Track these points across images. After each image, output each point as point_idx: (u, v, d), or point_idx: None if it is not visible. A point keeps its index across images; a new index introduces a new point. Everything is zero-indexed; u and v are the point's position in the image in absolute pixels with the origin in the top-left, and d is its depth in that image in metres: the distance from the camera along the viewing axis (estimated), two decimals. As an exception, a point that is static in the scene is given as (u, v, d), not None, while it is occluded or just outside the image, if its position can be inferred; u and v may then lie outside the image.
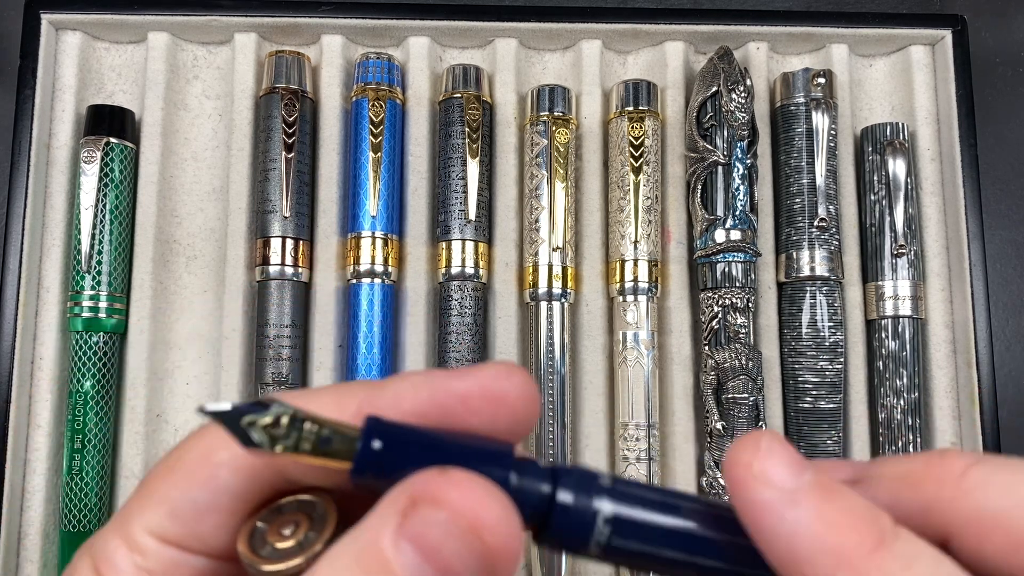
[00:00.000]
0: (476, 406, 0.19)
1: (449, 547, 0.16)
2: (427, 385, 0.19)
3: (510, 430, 0.19)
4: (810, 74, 0.56)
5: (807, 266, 0.54)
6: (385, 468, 0.18)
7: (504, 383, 0.19)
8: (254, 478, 0.20)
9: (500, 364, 0.20)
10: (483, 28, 0.57)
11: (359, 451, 0.18)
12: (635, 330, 0.54)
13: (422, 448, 0.18)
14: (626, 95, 0.56)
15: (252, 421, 0.17)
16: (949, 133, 0.57)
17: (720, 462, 0.52)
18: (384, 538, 0.16)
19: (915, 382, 0.54)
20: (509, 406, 0.19)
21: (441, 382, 0.19)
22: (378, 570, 0.16)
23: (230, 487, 0.19)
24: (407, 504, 0.17)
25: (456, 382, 0.19)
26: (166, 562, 0.19)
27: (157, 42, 0.56)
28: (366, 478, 0.18)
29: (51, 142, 0.55)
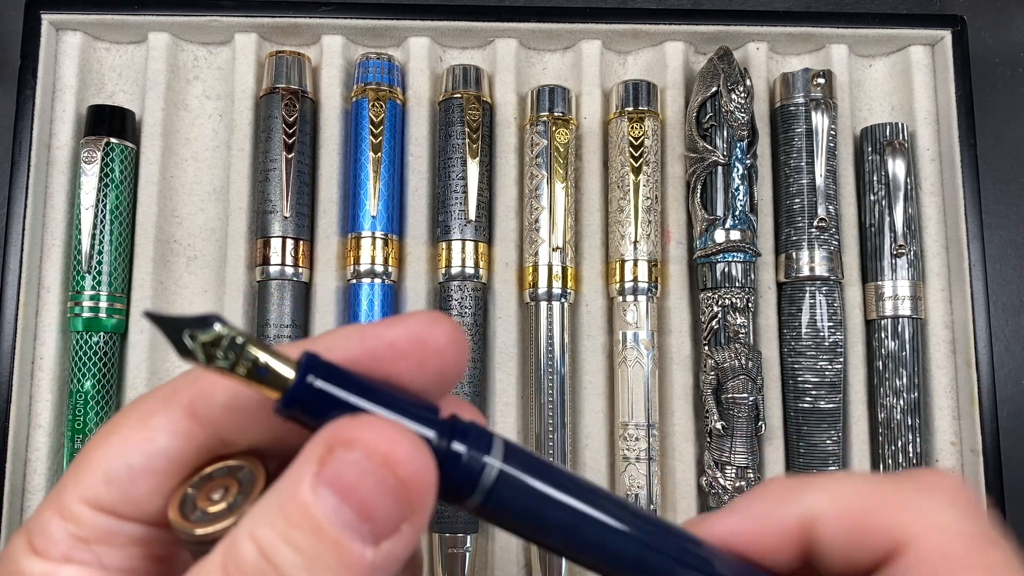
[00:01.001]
0: (403, 350, 0.19)
1: (365, 484, 0.17)
2: (358, 333, 0.20)
3: (439, 377, 0.20)
4: (810, 74, 0.56)
5: (807, 266, 0.54)
6: (313, 405, 0.18)
7: (431, 329, 0.20)
8: (189, 440, 0.20)
9: (428, 312, 0.20)
10: (483, 28, 0.57)
11: (293, 384, 0.18)
12: (635, 330, 0.54)
13: (350, 388, 0.18)
14: (626, 95, 0.56)
15: (193, 335, 0.18)
16: (949, 133, 0.57)
17: (719, 462, 0.52)
18: (303, 486, 0.17)
19: (915, 382, 0.55)
20: (437, 352, 0.20)
21: (371, 330, 0.20)
22: (299, 517, 0.17)
23: (165, 450, 0.20)
24: (324, 451, 0.17)
25: (385, 329, 0.20)
26: (100, 530, 0.20)
27: (157, 42, 0.56)
28: (293, 412, 0.18)
29: (51, 142, 0.55)
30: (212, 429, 0.20)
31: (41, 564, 0.19)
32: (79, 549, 0.19)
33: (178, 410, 0.20)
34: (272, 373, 0.18)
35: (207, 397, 0.20)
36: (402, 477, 0.17)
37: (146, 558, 0.20)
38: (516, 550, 0.53)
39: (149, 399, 0.20)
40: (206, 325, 0.18)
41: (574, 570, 0.53)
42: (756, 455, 0.53)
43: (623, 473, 0.53)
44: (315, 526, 0.17)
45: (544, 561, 0.52)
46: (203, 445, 0.20)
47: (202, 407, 0.20)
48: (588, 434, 0.54)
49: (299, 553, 0.17)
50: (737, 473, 0.52)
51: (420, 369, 0.20)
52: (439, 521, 0.52)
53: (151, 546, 0.20)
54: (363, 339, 0.20)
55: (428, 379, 0.20)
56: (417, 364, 0.19)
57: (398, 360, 0.19)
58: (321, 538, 0.17)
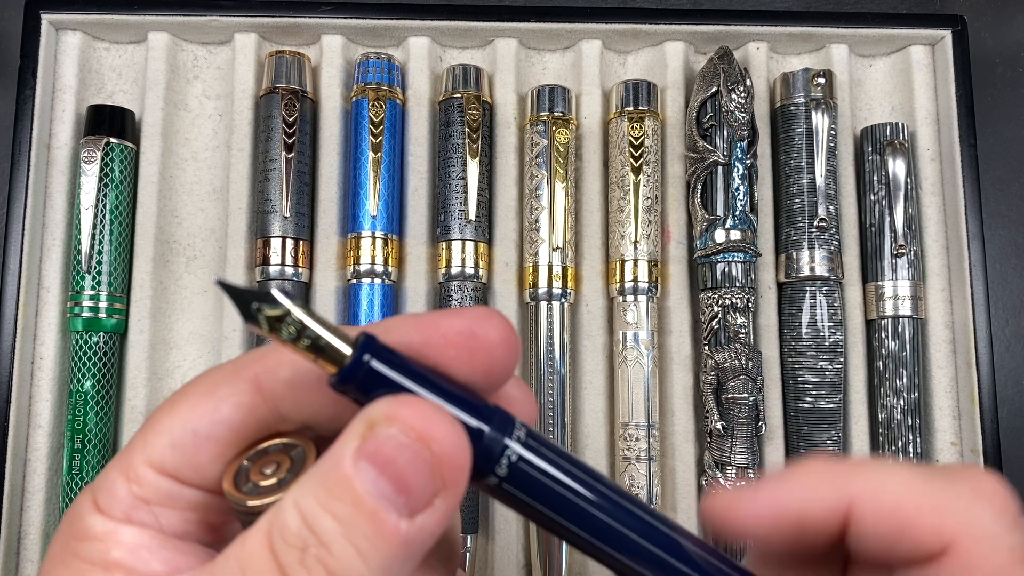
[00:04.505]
0: (455, 341, 0.20)
1: (401, 458, 0.18)
2: (415, 320, 0.21)
3: (486, 372, 0.21)
4: (810, 74, 0.56)
5: (807, 266, 0.54)
6: (365, 382, 0.19)
7: (484, 324, 0.21)
8: (251, 412, 0.21)
9: (485, 308, 0.21)
10: (483, 28, 0.57)
11: (349, 361, 0.19)
12: (635, 330, 0.54)
13: (400, 370, 0.19)
14: (626, 95, 0.56)
15: (259, 308, 0.19)
16: (949, 133, 0.57)
17: (720, 462, 0.52)
18: (346, 459, 0.18)
19: (915, 382, 0.54)
20: (486, 347, 0.20)
21: (428, 318, 0.21)
22: (340, 489, 0.18)
23: (229, 419, 0.21)
24: (365, 428, 0.18)
25: (441, 319, 0.21)
26: (162, 492, 0.21)
27: (157, 42, 0.56)
28: (347, 387, 0.19)
29: (51, 142, 0.55)
30: (273, 403, 0.21)
31: (104, 522, 0.20)
32: (140, 510, 0.21)
33: (244, 383, 0.21)
34: (331, 349, 0.19)
35: (272, 372, 0.21)
36: (437, 452, 0.18)
37: (201, 524, 0.21)
38: (516, 550, 0.53)
39: (217, 371, 0.22)
40: (273, 302, 0.19)
41: (574, 570, 0.53)
42: (756, 455, 0.52)
43: (623, 473, 0.53)
44: (354, 497, 0.18)
45: (544, 561, 0.52)
46: (263, 418, 0.21)
47: (267, 381, 0.21)
48: (588, 434, 0.54)
49: (339, 522, 0.18)
50: (737, 473, 0.52)
51: (469, 361, 0.20)
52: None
53: (207, 512, 0.21)
54: (419, 326, 0.21)
55: (476, 372, 0.21)
56: (466, 356, 0.20)
57: (448, 349, 0.20)
58: (359, 508, 0.18)
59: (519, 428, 0.21)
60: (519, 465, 0.20)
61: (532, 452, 0.20)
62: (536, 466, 0.20)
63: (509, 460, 0.20)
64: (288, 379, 0.21)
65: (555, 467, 0.21)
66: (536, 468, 0.20)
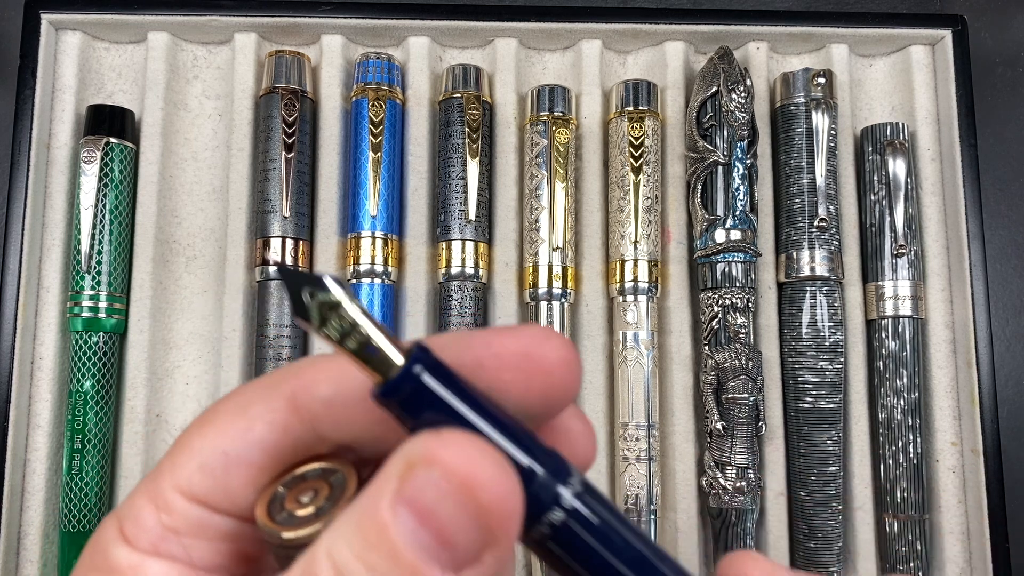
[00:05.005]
0: (510, 362, 0.19)
1: (444, 508, 0.16)
2: (467, 338, 0.19)
3: (544, 397, 0.19)
4: (810, 74, 0.56)
5: (807, 266, 0.54)
6: (411, 398, 0.17)
7: (543, 345, 0.19)
8: (287, 433, 0.19)
9: (542, 328, 0.19)
10: (483, 28, 0.57)
11: (399, 371, 0.17)
12: (635, 330, 0.54)
13: (452, 389, 0.18)
14: (626, 95, 0.56)
15: (312, 293, 0.18)
16: (949, 133, 0.57)
17: (720, 462, 0.52)
18: (382, 505, 0.16)
19: (915, 382, 0.54)
20: (544, 371, 0.19)
21: (480, 336, 0.19)
22: (377, 538, 0.16)
23: (262, 440, 0.19)
24: (404, 468, 0.16)
25: (494, 337, 0.19)
26: (192, 521, 0.19)
27: (157, 42, 0.56)
28: (390, 401, 0.18)
29: (51, 142, 0.55)
30: (311, 423, 0.19)
31: (129, 554, 0.19)
32: (169, 541, 0.19)
33: (279, 400, 0.19)
34: (380, 355, 0.18)
35: (309, 389, 0.19)
36: (483, 502, 0.16)
37: (235, 556, 0.20)
38: (515, 551, 0.53)
39: (250, 388, 0.20)
40: (325, 288, 0.18)
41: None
42: (756, 455, 0.52)
43: (623, 473, 0.53)
44: (392, 549, 0.16)
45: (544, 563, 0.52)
46: (300, 439, 0.20)
47: (303, 399, 0.19)
48: (588, 434, 0.54)
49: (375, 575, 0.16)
50: (738, 473, 0.52)
51: (525, 385, 0.19)
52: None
53: (241, 543, 0.20)
54: (471, 345, 0.19)
55: (533, 397, 0.19)
56: (523, 379, 0.19)
57: (503, 371, 0.19)
58: (398, 562, 0.16)
59: (575, 477, 0.18)
60: (569, 521, 0.18)
61: (587, 507, 0.18)
62: (589, 524, 0.18)
63: (559, 514, 0.18)
64: (327, 397, 0.19)
65: (609, 530, 0.18)
66: (588, 527, 0.18)
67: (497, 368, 0.19)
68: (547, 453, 0.18)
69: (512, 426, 0.18)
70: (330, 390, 0.19)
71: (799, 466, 0.54)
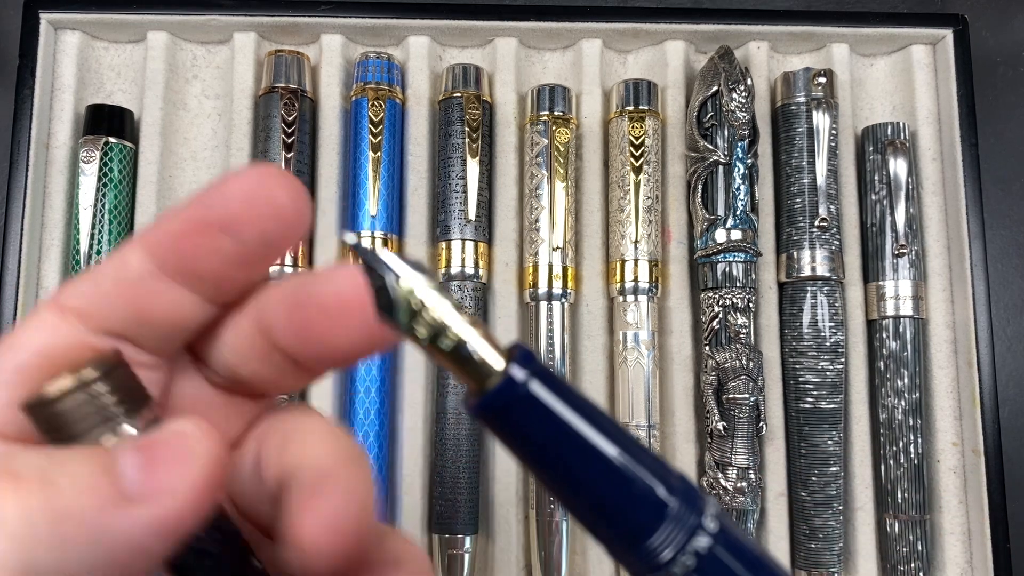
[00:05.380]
0: (238, 213, 0.18)
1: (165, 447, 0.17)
2: (188, 210, 0.18)
3: (279, 233, 0.18)
4: (811, 74, 0.56)
5: (808, 266, 0.54)
6: (516, 414, 0.15)
7: (266, 183, 0.18)
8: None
9: (256, 167, 0.18)
10: (483, 27, 0.57)
11: (500, 381, 0.15)
12: (635, 330, 0.54)
13: (567, 402, 0.15)
14: (626, 94, 0.56)
15: (399, 282, 0.15)
16: (950, 133, 0.57)
17: (721, 463, 0.52)
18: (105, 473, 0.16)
19: (916, 382, 0.54)
20: (273, 207, 0.18)
21: (202, 200, 0.18)
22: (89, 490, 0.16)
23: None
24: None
25: (218, 194, 0.18)
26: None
27: (156, 41, 0.56)
28: (490, 418, 0.16)
29: (50, 142, 0.55)
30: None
31: None
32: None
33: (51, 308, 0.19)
34: (477, 359, 0.15)
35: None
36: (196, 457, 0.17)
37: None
38: (516, 551, 0.53)
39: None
40: (413, 278, 0.15)
41: (575, 572, 0.53)
42: (757, 456, 0.52)
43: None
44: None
45: (545, 564, 0.52)
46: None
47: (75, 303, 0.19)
48: (588, 434, 0.54)
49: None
50: (738, 474, 0.51)
51: (259, 227, 0.18)
52: (439, 522, 0.52)
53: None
54: (197, 212, 0.18)
55: (269, 238, 0.18)
56: (256, 221, 0.18)
57: (241, 226, 0.18)
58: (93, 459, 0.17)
59: (710, 506, 0.16)
60: (709, 556, 0.16)
61: (725, 542, 0.16)
62: (729, 559, 0.16)
63: (700, 547, 0.16)
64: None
65: (751, 562, 0.16)
66: (728, 561, 0.16)
67: (233, 223, 0.18)
68: (676, 477, 0.16)
69: (636, 448, 0.16)
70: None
71: (800, 466, 0.54)
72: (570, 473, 0.16)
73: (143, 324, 0.19)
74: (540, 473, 0.16)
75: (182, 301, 0.19)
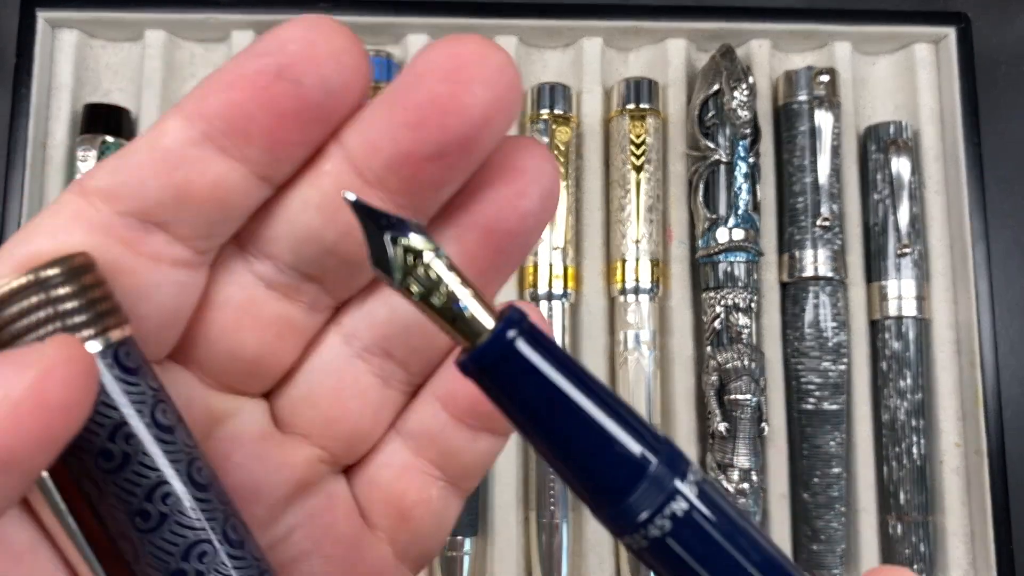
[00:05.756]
0: (297, 53, 0.16)
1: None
2: (235, 62, 0.17)
3: (340, 81, 0.16)
4: (813, 72, 0.55)
5: (810, 266, 0.54)
6: (503, 372, 0.16)
7: (324, 27, 0.16)
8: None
9: (308, 16, 0.17)
10: (483, 25, 0.57)
11: (488, 338, 0.15)
12: (636, 330, 0.53)
13: (552, 363, 0.16)
14: (627, 93, 0.56)
15: (395, 239, 0.16)
16: (953, 132, 0.57)
17: (722, 464, 0.52)
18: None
19: (919, 383, 0.54)
20: (333, 49, 0.16)
21: (251, 48, 0.17)
22: None
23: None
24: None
25: (272, 39, 0.16)
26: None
27: (154, 40, 0.56)
28: (479, 375, 0.16)
29: (47, 141, 0.55)
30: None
31: None
32: None
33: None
34: (469, 317, 0.15)
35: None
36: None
37: None
38: (516, 553, 0.53)
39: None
40: (410, 233, 0.16)
41: (574, 569, 0.53)
42: (759, 457, 0.52)
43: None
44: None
45: (545, 566, 0.52)
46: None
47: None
48: (589, 435, 0.54)
49: None
50: (740, 475, 0.51)
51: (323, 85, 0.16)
52: (438, 523, 0.52)
53: None
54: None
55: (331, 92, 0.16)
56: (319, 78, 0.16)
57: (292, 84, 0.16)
58: None
59: (693, 470, 0.16)
60: (687, 519, 0.16)
61: (707, 505, 0.16)
62: (709, 523, 0.16)
63: (676, 511, 0.16)
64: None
65: (732, 530, 0.16)
66: (708, 526, 0.16)
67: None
68: (661, 441, 0.16)
69: (622, 409, 0.16)
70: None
71: (802, 468, 0.53)
72: (554, 430, 0.16)
73: (183, 204, 0.16)
74: (525, 430, 0.16)
75: (230, 175, 0.16)
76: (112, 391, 0.16)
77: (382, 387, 0.20)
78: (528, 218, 0.18)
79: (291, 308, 0.19)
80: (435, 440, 0.20)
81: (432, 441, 0.20)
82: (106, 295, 0.16)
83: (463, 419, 0.20)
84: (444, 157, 0.16)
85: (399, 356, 0.19)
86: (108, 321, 0.16)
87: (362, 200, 0.16)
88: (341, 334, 0.19)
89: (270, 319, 0.18)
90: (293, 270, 0.18)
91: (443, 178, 0.17)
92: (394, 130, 0.16)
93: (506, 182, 0.18)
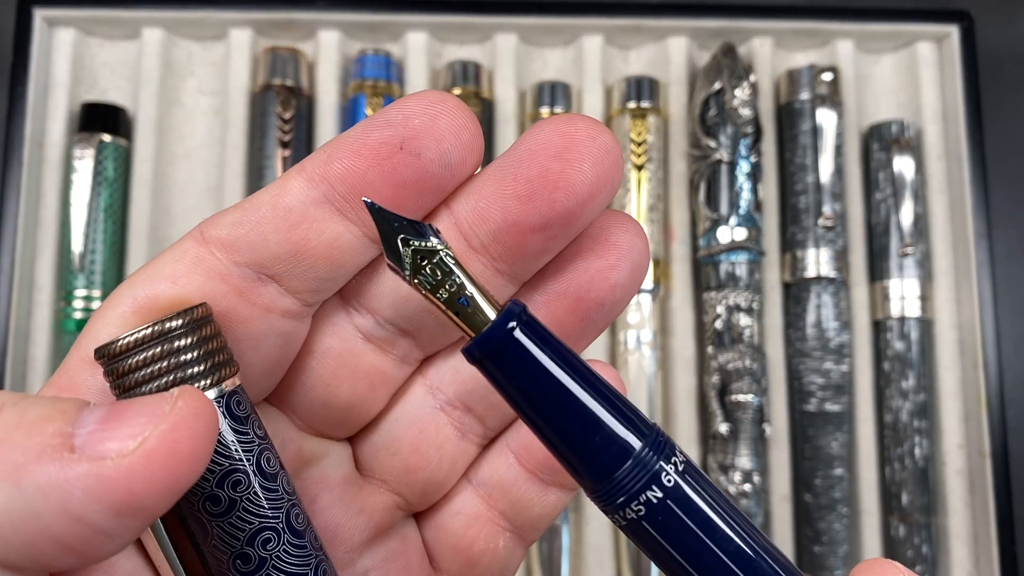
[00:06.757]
0: (420, 127, 0.17)
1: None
2: (361, 130, 0.17)
3: (458, 155, 0.17)
4: (815, 71, 0.55)
5: (812, 266, 0.53)
6: (503, 360, 0.17)
7: (446, 103, 0.17)
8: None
9: (429, 91, 0.18)
10: (482, 23, 0.56)
11: (489, 327, 0.17)
12: (638, 331, 0.53)
13: (549, 352, 0.17)
14: (628, 91, 0.55)
15: (406, 240, 0.17)
16: (956, 130, 0.56)
17: (724, 465, 0.51)
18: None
19: (922, 383, 0.54)
20: (454, 125, 0.17)
21: (377, 118, 0.17)
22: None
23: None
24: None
25: (397, 111, 0.17)
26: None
27: (151, 38, 0.56)
28: (483, 362, 0.17)
29: (44, 139, 0.54)
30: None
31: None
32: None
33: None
34: (474, 308, 0.17)
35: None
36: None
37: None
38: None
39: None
40: (422, 233, 0.17)
41: (575, 571, 0.52)
42: (761, 458, 0.52)
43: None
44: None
45: (546, 564, 0.51)
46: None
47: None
48: (589, 436, 0.54)
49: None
50: (742, 477, 0.51)
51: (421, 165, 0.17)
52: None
53: None
54: (366, 139, 0.17)
55: (431, 169, 0.17)
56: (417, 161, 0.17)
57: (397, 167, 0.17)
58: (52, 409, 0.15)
59: (678, 454, 0.17)
60: (669, 500, 0.17)
61: (690, 487, 0.17)
62: (691, 505, 0.17)
63: (658, 492, 0.17)
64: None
65: (714, 513, 0.17)
66: (690, 508, 0.17)
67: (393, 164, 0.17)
68: (648, 426, 0.17)
69: (611, 396, 0.17)
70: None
71: (804, 469, 0.53)
72: (548, 412, 0.17)
73: (299, 260, 0.17)
74: (523, 412, 0.18)
75: (345, 236, 0.18)
76: (224, 439, 0.17)
77: (459, 439, 0.21)
78: (617, 290, 0.19)
79: (384, 360, 0.20)
80: (507, 492, 0.21)
81: (505, 492, 0.21)
82: (222, 345, 0.17)
83: (536, 472, 0.21)
84: (548, 228, 0.18)
85: (478, 411, 0.21)
86: (223, 371, 0.17)
87: (378, 204, 0.17)
88: (426, 386, 0.21)
89: (365, 370, 0.20)
90: (392, 325, 0.19)
91: (544, 248, 0.18)
92: (504, 201, 0.18)
93: (599, 254, 0.19)
